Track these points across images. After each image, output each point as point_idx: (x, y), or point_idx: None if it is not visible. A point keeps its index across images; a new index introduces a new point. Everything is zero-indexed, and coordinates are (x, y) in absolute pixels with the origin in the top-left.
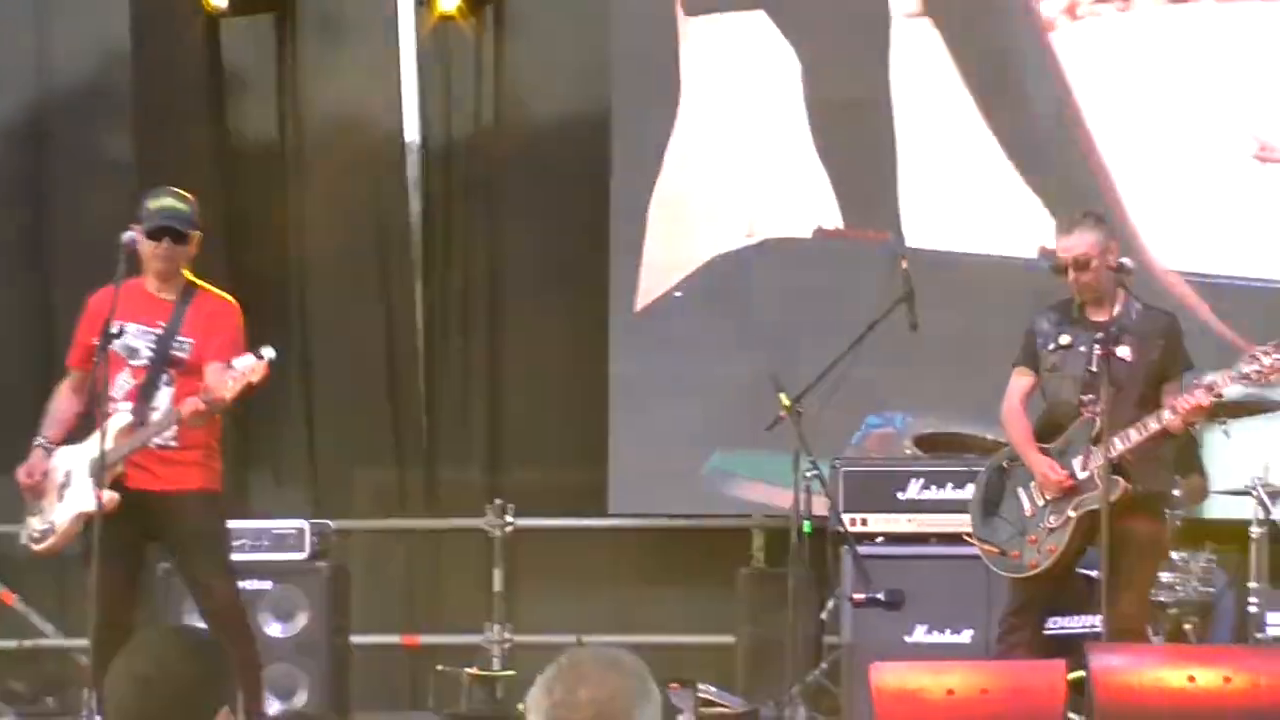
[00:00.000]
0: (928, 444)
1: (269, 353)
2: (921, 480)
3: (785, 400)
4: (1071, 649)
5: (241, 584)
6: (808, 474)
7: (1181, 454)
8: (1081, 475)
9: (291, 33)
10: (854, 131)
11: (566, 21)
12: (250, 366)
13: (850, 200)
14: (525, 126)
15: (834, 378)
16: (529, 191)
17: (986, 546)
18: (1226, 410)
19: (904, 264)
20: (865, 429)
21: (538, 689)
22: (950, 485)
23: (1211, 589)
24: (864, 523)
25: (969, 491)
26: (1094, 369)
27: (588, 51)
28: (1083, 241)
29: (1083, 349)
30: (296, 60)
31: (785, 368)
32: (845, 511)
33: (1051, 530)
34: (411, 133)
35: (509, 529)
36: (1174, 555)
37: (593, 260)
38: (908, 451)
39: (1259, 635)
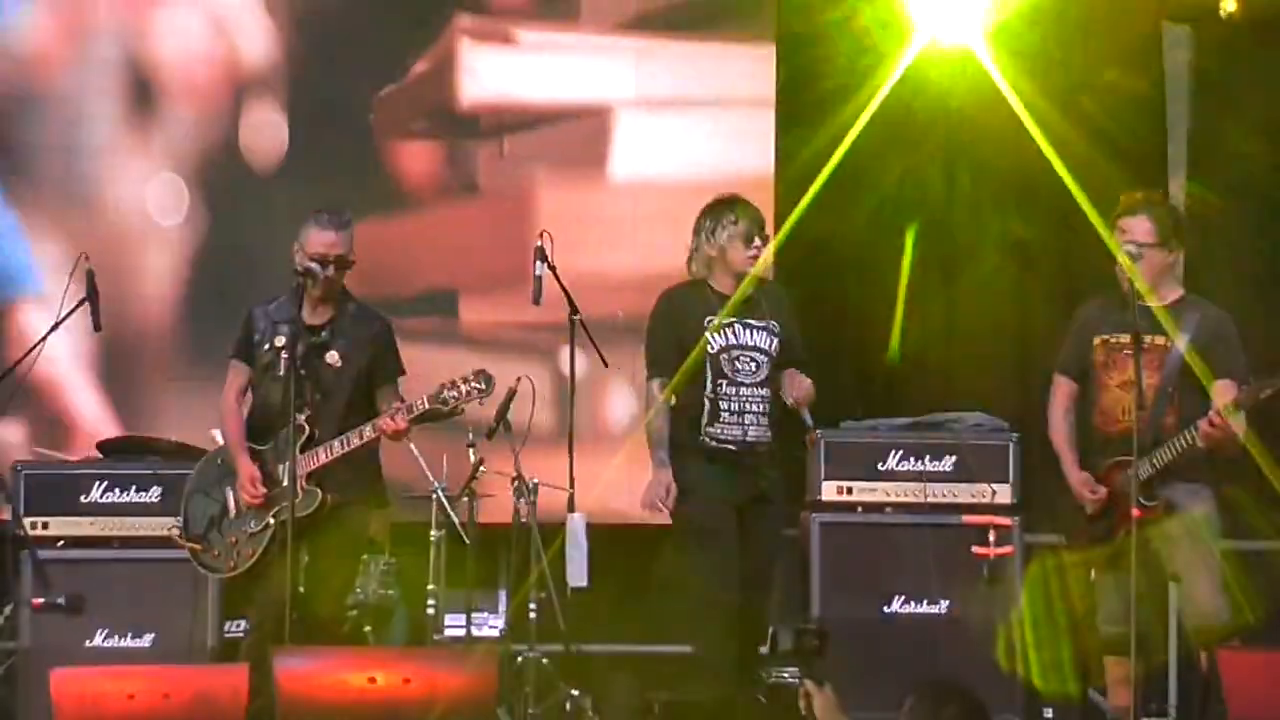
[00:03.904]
0: (112, 447)
1: None
2: (105, 483)
3: None
4: None
5: None
6: None
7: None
8: (285, 484)
9: None
10: None
11: None
12: None
13: None
14: None
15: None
16: None
17: (191, 544)
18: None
19: (87, 263)
20: None
21: None
22: (134, 488)
23: (390, 592)
24: (45, 526)
25: (153, 494)
26: (303, 372)
27: None
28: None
29: (293, 351)
30: None
31: None
32: (26, 515)
33: (251, 534)
34: None
35: None
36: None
37: None
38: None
39: (437, 637)
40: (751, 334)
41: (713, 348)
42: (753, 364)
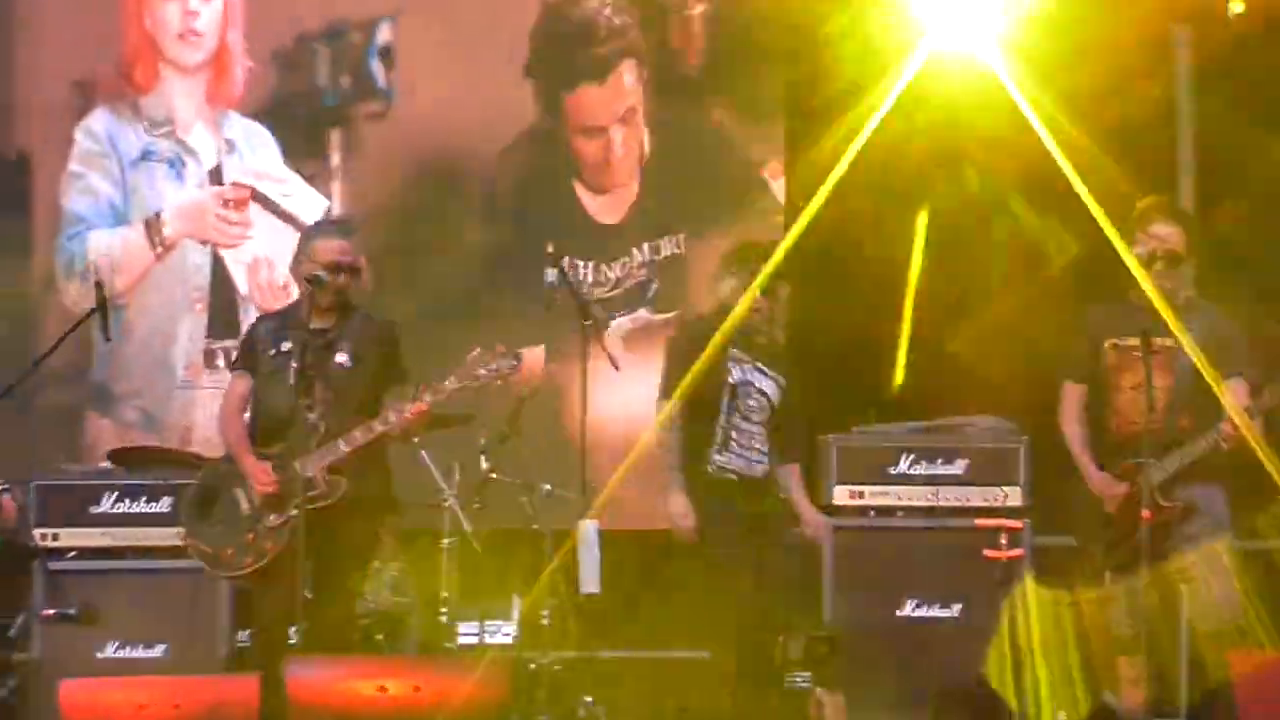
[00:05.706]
0: (123, 457)
1: None
2: (116, 494)
3: None
4: None
5: None
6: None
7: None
8: (306, 476)
9: None
10: None
11: None
12: None
13: None
14: None
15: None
16: None
17: (200, 547)
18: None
19: (97, 278)
20: None
21: None
22: (145, 499)
23: (401, 600)
24: (56, 537)
25: (165, 505)
26: (311, 373)
27: None
28: None
29: (301, 355)
30: None
31: None
32: (37, 526)
33: (272, 528)
34: None
35: None
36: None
37: None
38: (104, 465)
39: (449, 644)
40: (763, 379)
41: (733, 378)
42: (757, 405)
